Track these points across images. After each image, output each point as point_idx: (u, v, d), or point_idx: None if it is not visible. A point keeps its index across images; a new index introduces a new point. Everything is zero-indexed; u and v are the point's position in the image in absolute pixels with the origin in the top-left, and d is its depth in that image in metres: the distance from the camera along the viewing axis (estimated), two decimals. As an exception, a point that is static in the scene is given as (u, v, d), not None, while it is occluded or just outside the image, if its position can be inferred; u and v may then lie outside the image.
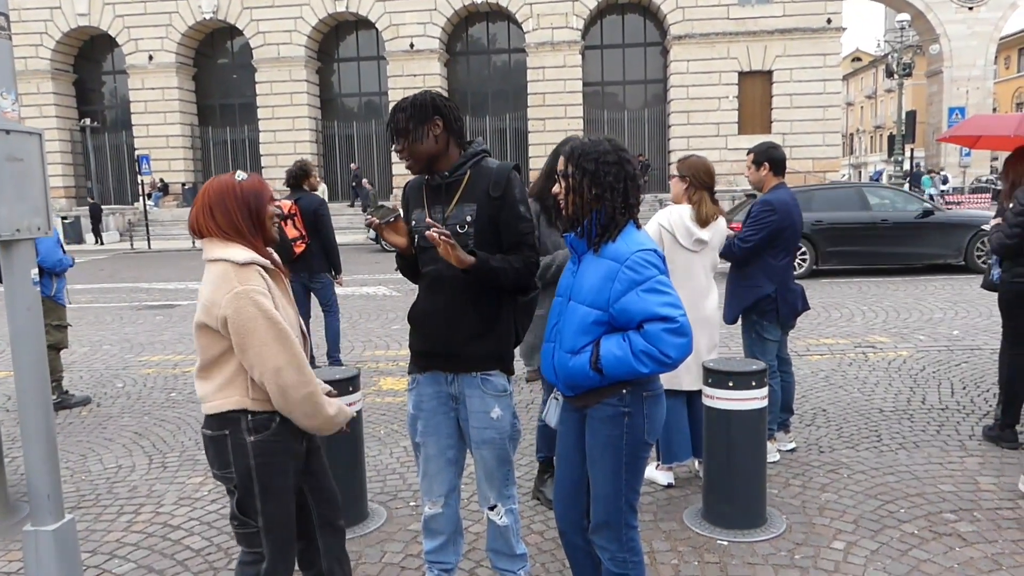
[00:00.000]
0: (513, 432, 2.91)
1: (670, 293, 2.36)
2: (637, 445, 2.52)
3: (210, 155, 32.72)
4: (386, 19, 30.51)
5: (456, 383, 2.85)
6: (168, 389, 6.86)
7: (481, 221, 2.71)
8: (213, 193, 2.40)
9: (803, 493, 4.16)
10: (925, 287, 11.21)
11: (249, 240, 2.39)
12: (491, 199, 2.72)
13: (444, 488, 2.98)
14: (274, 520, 2.45)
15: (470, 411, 2.84)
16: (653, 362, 2.32)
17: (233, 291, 2.26)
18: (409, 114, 2.68)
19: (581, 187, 2.45)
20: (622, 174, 2.45)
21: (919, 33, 35.16)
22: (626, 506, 2.56)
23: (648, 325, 2.32)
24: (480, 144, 2.85)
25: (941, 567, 3.33)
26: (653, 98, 31.68)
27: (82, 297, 13.16)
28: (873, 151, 68.59)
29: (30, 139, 2.70)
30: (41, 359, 2.82)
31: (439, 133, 2.72)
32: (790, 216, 4.51)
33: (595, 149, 2.46)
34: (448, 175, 2.76)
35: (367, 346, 8.43)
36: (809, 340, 7.90)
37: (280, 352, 2.27)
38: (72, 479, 4.73)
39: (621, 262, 2.38)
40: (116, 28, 31.43)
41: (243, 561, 2.53)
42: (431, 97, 2.72)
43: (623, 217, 2.46)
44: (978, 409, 5.50)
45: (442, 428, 2.93)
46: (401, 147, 2.71)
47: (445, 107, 2.73)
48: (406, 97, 2.73)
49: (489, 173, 2.76)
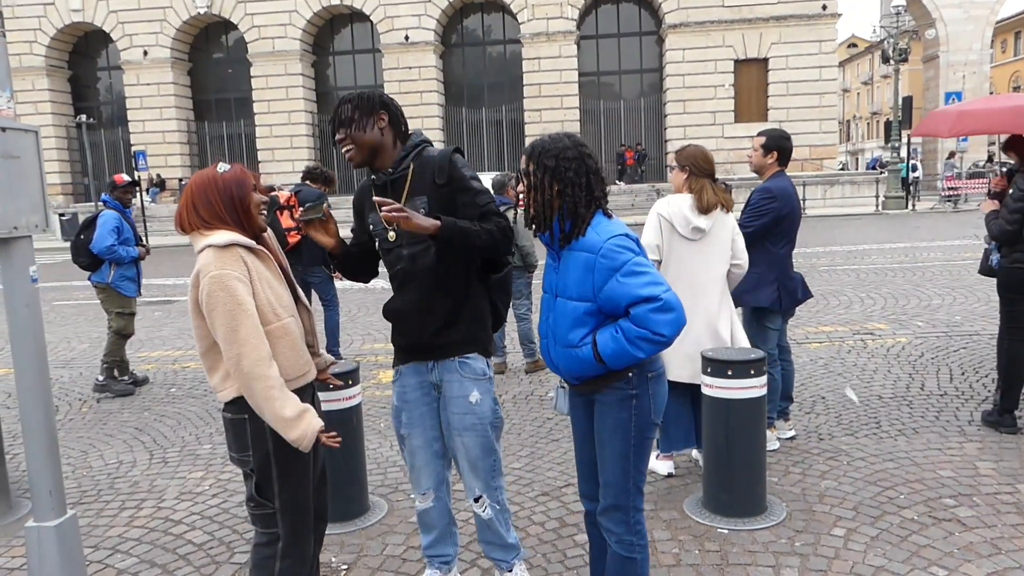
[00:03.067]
0: (494, 419, 2.92)
1: (648, 272, 2.39)
2: (645, 426, 2.56)
3: (206, 150, 32.63)
4: (381, 11, 30.42)
5: (436, 370, 2.88)
6: (168, 385, 6.86)
7: (435, 211, 2.70)
8: (196, 188, 2.41)
9: (803, 481, 4.17)
10: (923, 273, 11.22)
11: (235, 229, 2.39)
12: (439, 187, 2.73)
13: (432, 481, 3.00)
14: (291, 504, 2.47)
15: (449, 397, 2.86)
16: (649, 344, 2.35)
17: (209, 274, 2.28)
18: (355, 104, 2.71)
19: (543, 184, 2.48)
20: (583, 168, 2.48)
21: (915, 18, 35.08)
22: (634, 488, 2.60)
23: (634, 309, 2.35)
24: (419, 135, 2.85)
25: (941, 552, 3.34)
26: (649, 87, 31.64)
27: (80, 293, 13.15)
28: (870, 137, 68.54)
29: (26, 136, 2.70)
30: (41, 356, 2.82)
31: (384, 127, 2.73)
32: (790, 203, 4.51)
33: (555, 146, 2.49)
34: (392, 171, 2.77)
35: (366, 339, 8.43)
36: (808, 328, 7.91)
37: (240, 341, 2.27)
38: (73, 475, 4.74)
39: (595, 252, 2.41)
40: (110, 24, 31.31)
41: (258, 543, 2.55)
42: (379, 94, 2.77)
43: (587, 209, 2.48)
44: (977, 395, 5.51)
45: (427, 419, 2.95)
46: (343, 136, 2.72)
47: (392, 104, 2.77)
48: (352, 91, 2.77)
49: (431, 162, 2.77)
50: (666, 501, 4.00)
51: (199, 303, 2.31)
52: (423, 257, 2.76)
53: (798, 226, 4.66)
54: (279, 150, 31.29)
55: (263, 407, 2.32)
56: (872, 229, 19.08)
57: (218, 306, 2.27)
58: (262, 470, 2.43)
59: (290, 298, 2.51)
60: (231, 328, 2.27)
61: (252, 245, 2.39)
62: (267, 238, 2.54)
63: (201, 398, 6.33)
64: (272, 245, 2.55)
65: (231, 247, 2.33)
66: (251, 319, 2.29)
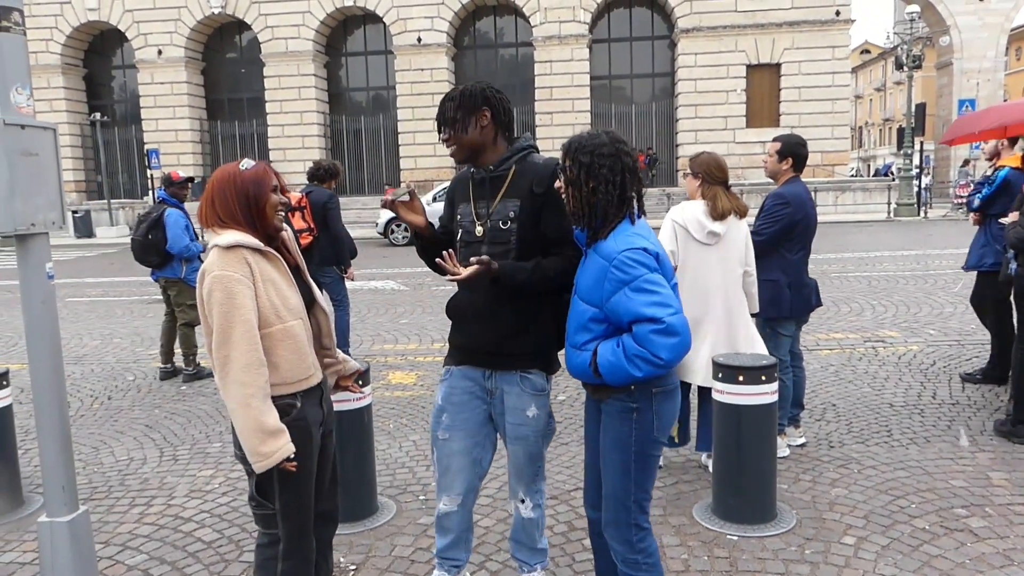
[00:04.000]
0: (547, 431, 2.91)
1: (658, 292, 2.31)
2: (646, 442, 2.49)
3: (219, 149, 32.74)
4: (393, 13, 30.47)
5: (494, 378, 2.84)
6: (178, 382, 6.89)
7: (524, 217, 2.69)
8: (216, 183, 2.42)
9: (813, 488, 4.16)
10: (935, 281, 11.15)
11: (246, 228, 2.39)
12: (534, 195, 2.69)
13: (463, 487, 2.94)
14: (291, 505, 2.46)
15: (506, 407, 2.82)
16: (647, 364, 2.29)
17: (212, 274, 2.30)
18: (458, 103, 2.67)
19: (578, 180, 2.43)
20: (618, 166, 2.42)
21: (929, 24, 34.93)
22: (635, 506, 2.53)
23: (636, 327, 2.30)
24: (528, 139, 2.82)
25: (953, 563, 3.32)
26: (661, 92, 31.56)
27: (92, 291, 13.23)
28: (882, 144, 68.22)
29: (45, 134, 2.72)
30: (56, 352, 2.84)
31: (486, 124, 2.70)
32: (804, 209, 4.49)
33: (591, 142, 2.44)
34: (493, 169, 2.73)
35: (376, 340, 8.44)
36: (819, 334, 7.88)
37: (231, 343, 2.27)
38: (85, 471, 4.76)
39: (609, 261, 2.36)
40: (126, 23, 31.48)
41: (260, 543, 2.55)
42: (482, 88, 2.71)
43: (617, 212, 2.43)
44: (989, 404, 5.48)
45: (470, 424, 2.89)
46: (447, 136, 2.70)
47: (495, 99, 2.71)
48: (457, 86, 2.72)
49: (534, 169, 2.73)
50: (675, 507, 3.99)
51: (203, 300, 2.33)
52: (501, 259, 2.68)
53: (814, 232, 4.64)
54: (291, 150, 31.36)
55: (238, 412, 2.28)
56: (884, 236, 18.99)
57: (215, 306, 2.28)
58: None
59: (299, 300, 2.48)
60: (224, 329, 2.27)
61: (259, 246, 2.38)
62: (285, 239, 2.54)
63: (211, 396, 6.35)
64: (289, 246, 2.55)
65: (235, 248, 2.33)
66: (245, 324, 2.28)
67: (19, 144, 2.59)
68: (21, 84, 2.62)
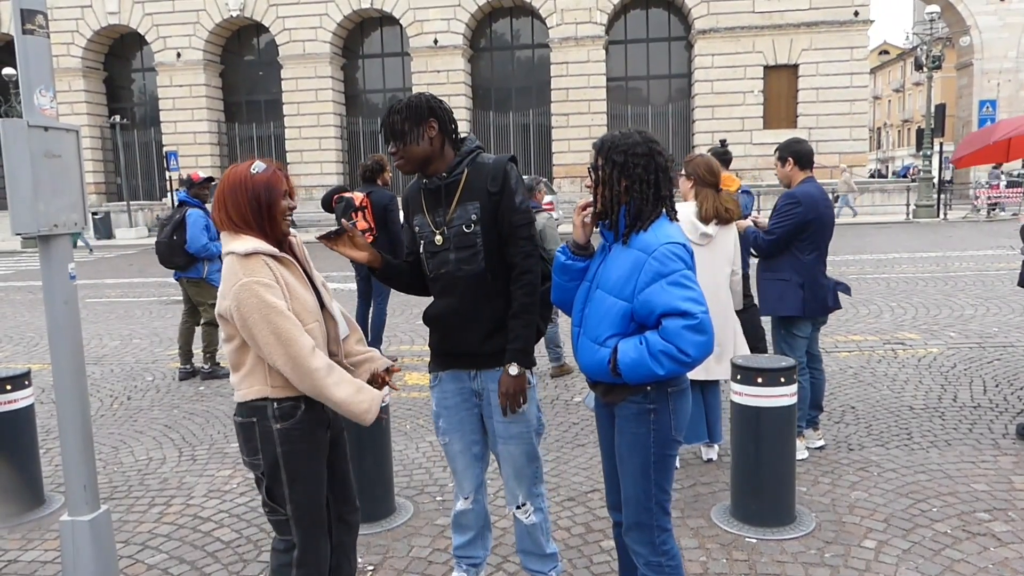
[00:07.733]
0: (538, 426, 2.93)
1: (694, 288, 2.33)
2: (664, 442, 2.49)
3: (236, 151, 32.98)
4: (410, 15, 30.58)
5: (479, 378, 2.87)
6: (197, 383, 6.94)
7: (485, 218, 2.70)
8: (227, 187, 2.41)
9: (832, 491, 4.12)
10: (955, 283, 11.04)
11: (259, 232, 2.39)
12: (491, 194, 2.71)
13: (473, 484, 3.01)
14: (302, 507, 2.46)
15: (494, 406, 2.84)
16: (672, 361, 2.28)
17: (239, 283, 2.29)
18: (405, 115, 2.67)
19: (611, 180, 2.42)
20: (652, 165, 2.42)
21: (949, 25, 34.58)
22: (656, 507, 2.52)
23: (667, 320, 2.29)
24: (473, 141, 2.83)
25: (975, 567, 3.28)
26: (677, 93, 31.47)
27: (112, 291, 13.35)
28: (901, 145, 67.65)
29: (68, 135, 2.75)
30: (77, 352, 2.86)
31: (434, 135, 2.70)
32: (816, 209, 4.44)
33: (624, 141, 2.44)
34: (447, 176, 2.74)
35: (392, 341, 8.47)
36: (837, 336, 7.82)
37: (281, 345, 2.28)
38: (105, 471, 4.80)
39: (649, 253, 2.36)
40: (145, 26, 31.80)
41: (276, 548, 2.55)
42: (427, 99, 2.72)
43: (653, 209, 2.43)
44: (1011, 407, 5.41)
45: (465, 424, 2.95)
46: (395, 149, 2.70)
47: (440, 109, 2.72)
48: (400, 99, 2.73)
49: (486, 169, 2.74)
50: (693, 509, 3.97)
51: (227, 310, 2.32)
52: (470, 263, 2.72)
53: (829, 233, 4.58)
54: (308, 152, 31.55)
55: (321, 396, 2.37)
56: (903, 237, 18.82)
57: (252, 313, 2.27)
58: (272, 474, 2.43)
59: (315, 302, 2.49)
60: (272, 332, 2.27)
61: (275, 253, 2.39)
62: (292, 242, 2.54)
63: (229, 396, 6.39)
64: (297, 250, 2.55)
65: (254, 255, 2.33)
66: (288, 319, 2.30)
67: (43, 146, 2.62)
68: (45, 86, 2.65)
